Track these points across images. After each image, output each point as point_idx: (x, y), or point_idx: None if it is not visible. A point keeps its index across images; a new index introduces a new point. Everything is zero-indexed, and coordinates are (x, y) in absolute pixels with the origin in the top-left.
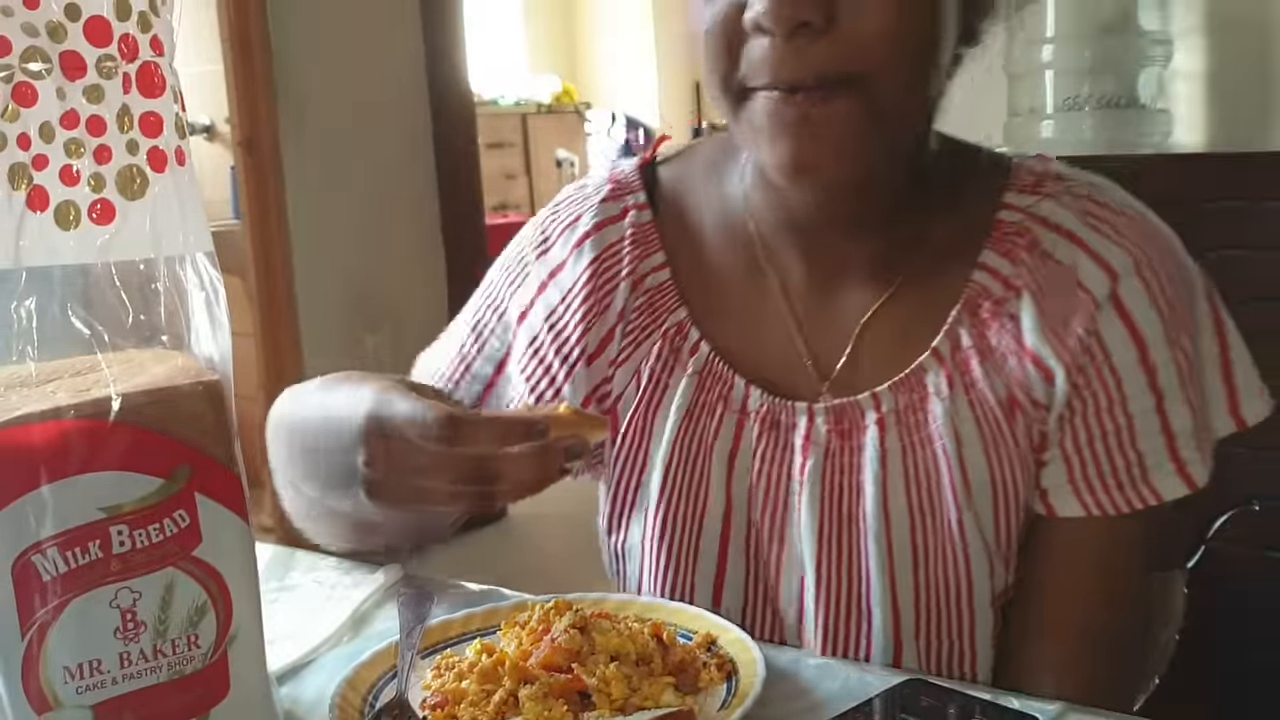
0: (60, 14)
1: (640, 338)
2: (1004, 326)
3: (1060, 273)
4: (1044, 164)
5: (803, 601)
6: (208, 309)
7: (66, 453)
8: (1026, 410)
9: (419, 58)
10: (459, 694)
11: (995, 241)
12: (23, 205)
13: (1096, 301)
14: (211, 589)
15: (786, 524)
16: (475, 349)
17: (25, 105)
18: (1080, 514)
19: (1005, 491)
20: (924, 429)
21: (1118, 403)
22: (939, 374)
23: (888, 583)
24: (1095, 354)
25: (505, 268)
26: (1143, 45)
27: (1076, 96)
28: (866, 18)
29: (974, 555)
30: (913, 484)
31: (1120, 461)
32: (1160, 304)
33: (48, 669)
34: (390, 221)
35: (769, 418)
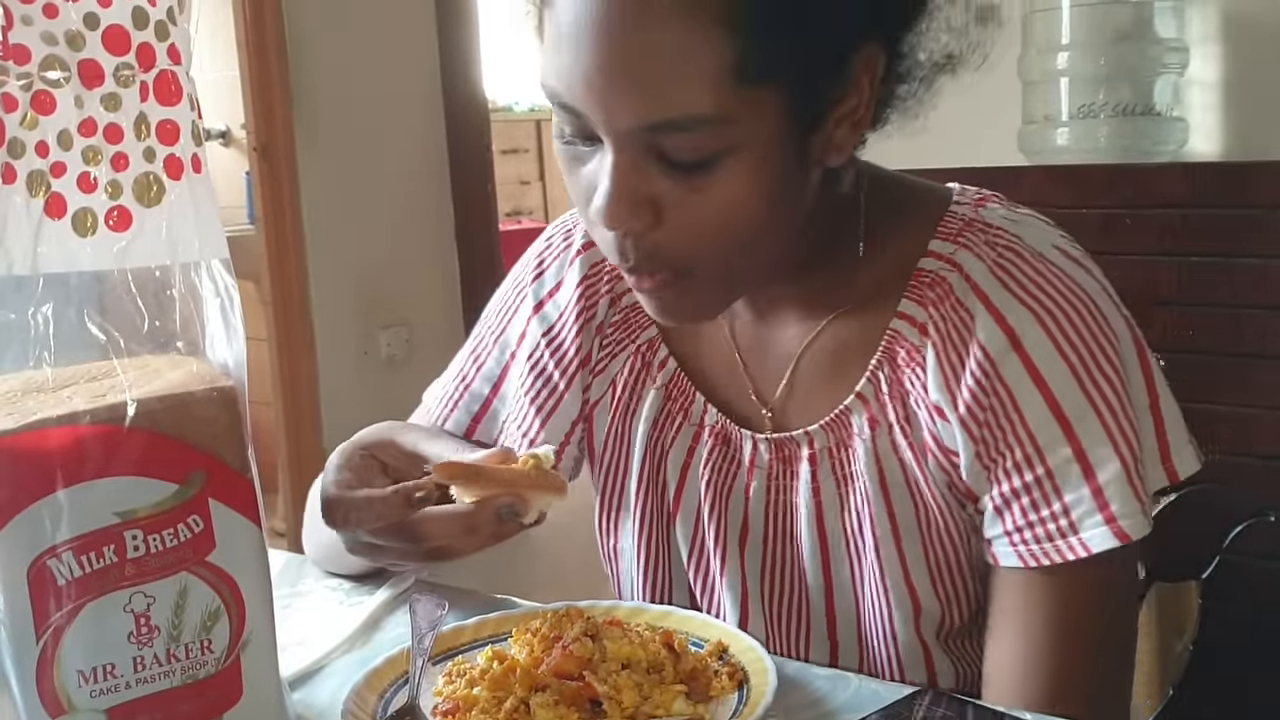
0: (79, 23)
1: (616, 350)
2: (916, 374)
3: (964, 321)
4: (976, 209)
5: (746, 611)
6: (223, 315)
7: (82, 458)
8: (938, 457)
9: (434, 64)
10: (470, 701)
11: (914, 288)
12: (41, 212)
13: (990, 355)
14: (225, 594)
15: (728, 533)
16: (474, 370)
17: (44, 113)
18: (1018, 565)
19: (934, 532)
20: (850, 466)
21: (1034, 454)
22: (862, 416)
23: (824, 600)
24: (1003, 406)
25: (503, 295)
26: (1158, 52)
27: (1092, 104)
28: (691, 218)
29: (893, 586)
30: (845, 514)
31: (1046, 512)
32: (1068, 352)
33: (62, 673)
34: (404, 227)
35: (722, 433)
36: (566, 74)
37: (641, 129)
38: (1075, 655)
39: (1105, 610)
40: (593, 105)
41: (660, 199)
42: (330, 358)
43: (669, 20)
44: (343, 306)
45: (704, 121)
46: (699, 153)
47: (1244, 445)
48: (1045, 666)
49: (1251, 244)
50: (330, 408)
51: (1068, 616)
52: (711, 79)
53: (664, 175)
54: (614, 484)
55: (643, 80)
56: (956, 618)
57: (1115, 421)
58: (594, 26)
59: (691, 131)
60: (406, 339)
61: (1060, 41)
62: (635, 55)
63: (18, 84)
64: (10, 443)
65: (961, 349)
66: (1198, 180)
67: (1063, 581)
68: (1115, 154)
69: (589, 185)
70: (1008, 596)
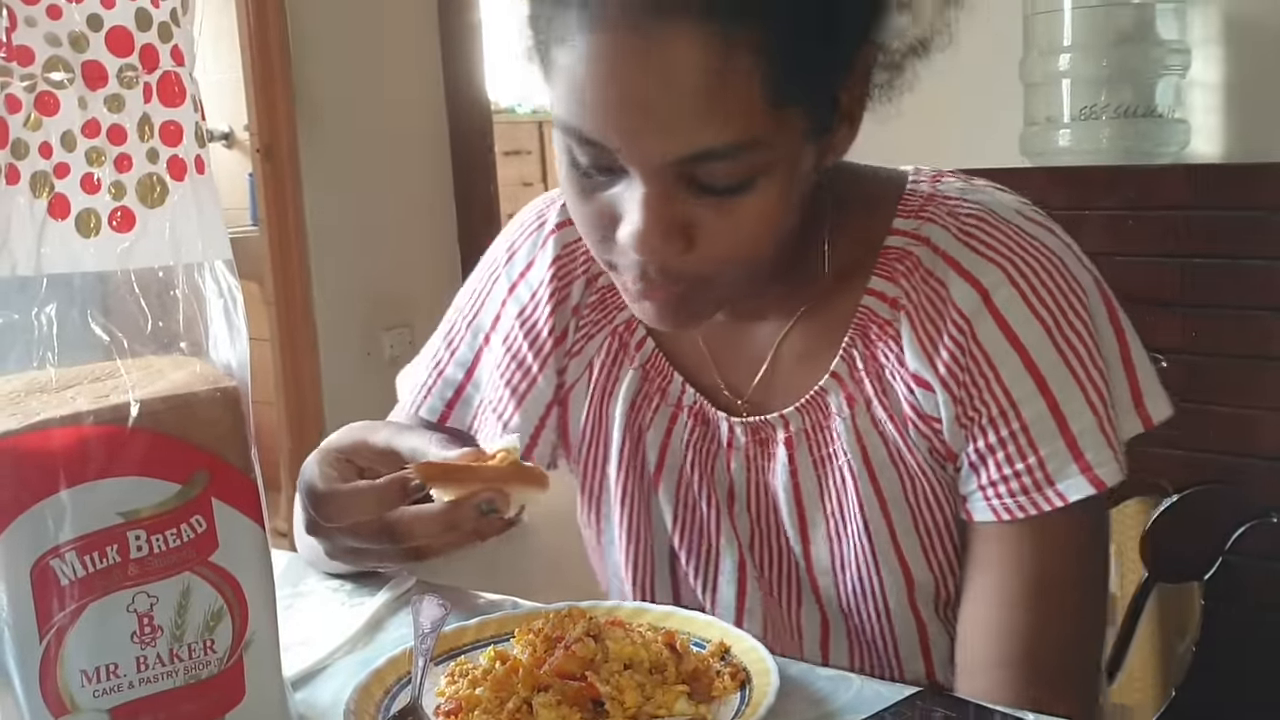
0: (82, 24)
1: (593, 331)
2: (889, 348)
3: (936, 292)
4: (934, 184)
5: (743, 566)
6: (226, 316)
7: (85, 458)
8: (919, 425)
9: (436, 66)
10: (473, 701)
11: (881, 266)
12: (44, 213)
13: (966, 316)
14: (227, 594)
15: (717, 512)
16: (447, 355)
17: (47, 114)
18: (992, 519)
19: (921, 501)
20: (829, 446)
21: (1009, 409)
22: (839, 395)
23: (810, 585)
24: (977, 364)
25: (475, 280)
26: (1160, 54)
27: (1093, 106)
28: (723, 239)
29: (883, 562)
30: (825, 495)
31: (1021, 465)
32: (1038, 308)
33: (65, 672)
34: (407, 229)
35: (700, 413)
36: (591, 110)
37: (676, 161)
38: (1050, 607)
39: (1078, 561)
40: (624, 141)
41: (692, 224)
42: (333, 358)
43: (698, 53)
44: (345, 307)
45: (740, 148)
46: (733, 178)
47: (1246, 446)
48: (1020, 619)
49: (1254, 246)
50: (333, 408)
51: (1042, 568)
52: (745, 107)
53: (695, 200)
54: (594, 468)
55: (678, 115)
56: (951, 588)
57: (1086, 373)
58: (623, 63)
59: (728, 159)
60: (409, 340)
61: (1062, 43)
62: (666, 90)
63: (21, 85)
64: (14, 443)
65: (936, 316)
66: (1200, 182)
67: (1037, 533)
68: (1117, 156)
69: (607, 212)
70: (982, 551)
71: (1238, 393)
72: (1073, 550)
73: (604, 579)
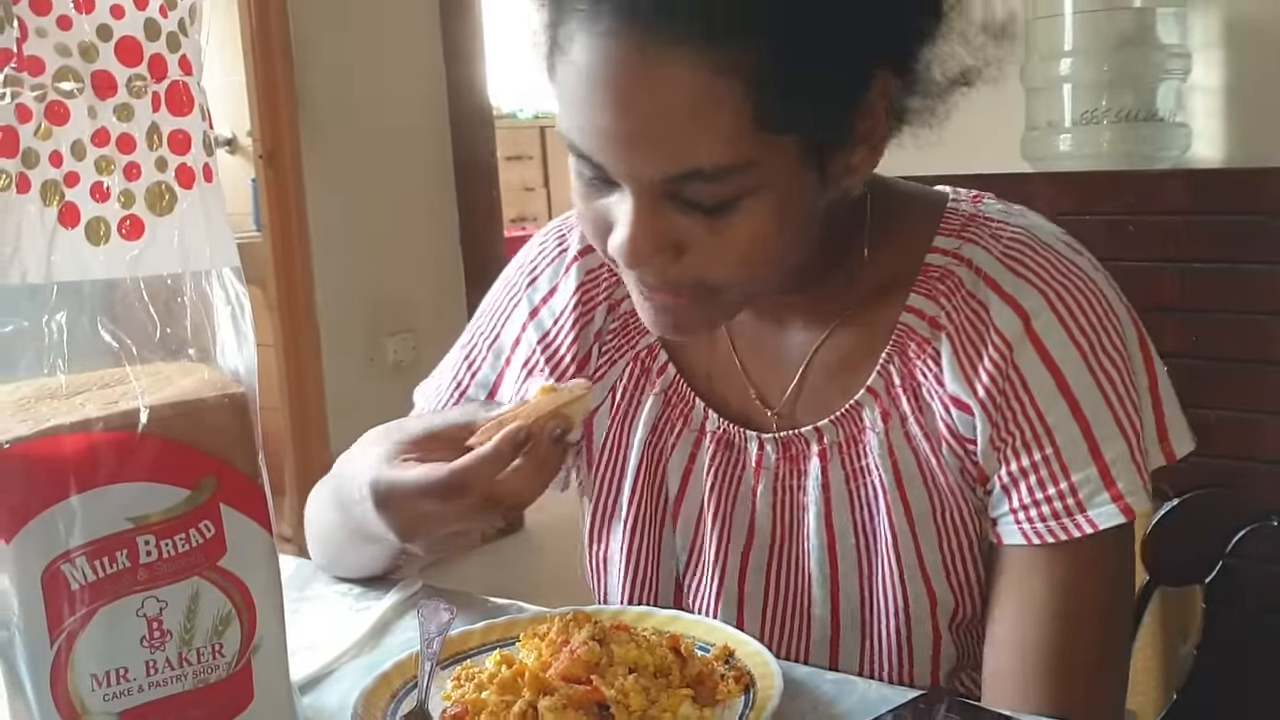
0: (92, 35)
1: (615, 357)
2: (928, 366)
3: (977, 313)
4: (975, 205)
5: (742, 614)
6: (233, 323)
7: (95, 464)
8: (953, 445)
9: (438, 71)
10: (479, 704)
11: (921, 284)
12: (54, 221)
13: (1008, 341)
14: (236, 599)
15: (731, 538)
16: (469, 375)
17: (57, 124)
18: (1022, 543)
19: (948, 521)
20: (862, 460)
21: (1043, 434)
22: (874, 410)
23: (829, 595)
24: (1014, 388)
25: (496, 300)
26: (1161, 58)
27: (1094, 110)
28: (713, 254)
29: (910, 579)
30: (856, 509)
31: (1053, 490)
32: (1077, 336)
33: (75, 677)
34: (410, 233)
35: (724, 439)
36: (583, 126)
37: (662, 180)
38: (1076, 633)
39: (1105, 587)
40: (611, 158)
41: (681, 238)
42: (337, 364)
43: (687, 77)
44: (349, 312)
45: (725, 171)
46: (719, 197)
47: (1247, 450)
48: (1046, 644)
49: (1255, 250)
50: (337, 413)
51: (1070, 594)
52: (731, 131)
53: (684, 215)
54: (608, 490)
55: (662, 136)
56: (968, 608)
57: (1120, 402)
58: (611, 84)
59: (714, 180)
60: (413, 345)
61: (1063, 48)
62: (654, 112)
63: (32, 95)
64: (24, 449)
65: (977, 339)
66: (1201, 186)
67: (1066, 559)
68: (1118, 160)
69: (606, 218)
70: (1011, 574)
71: (1238, 397)
72: (1102, 576)
73: (600, 594)
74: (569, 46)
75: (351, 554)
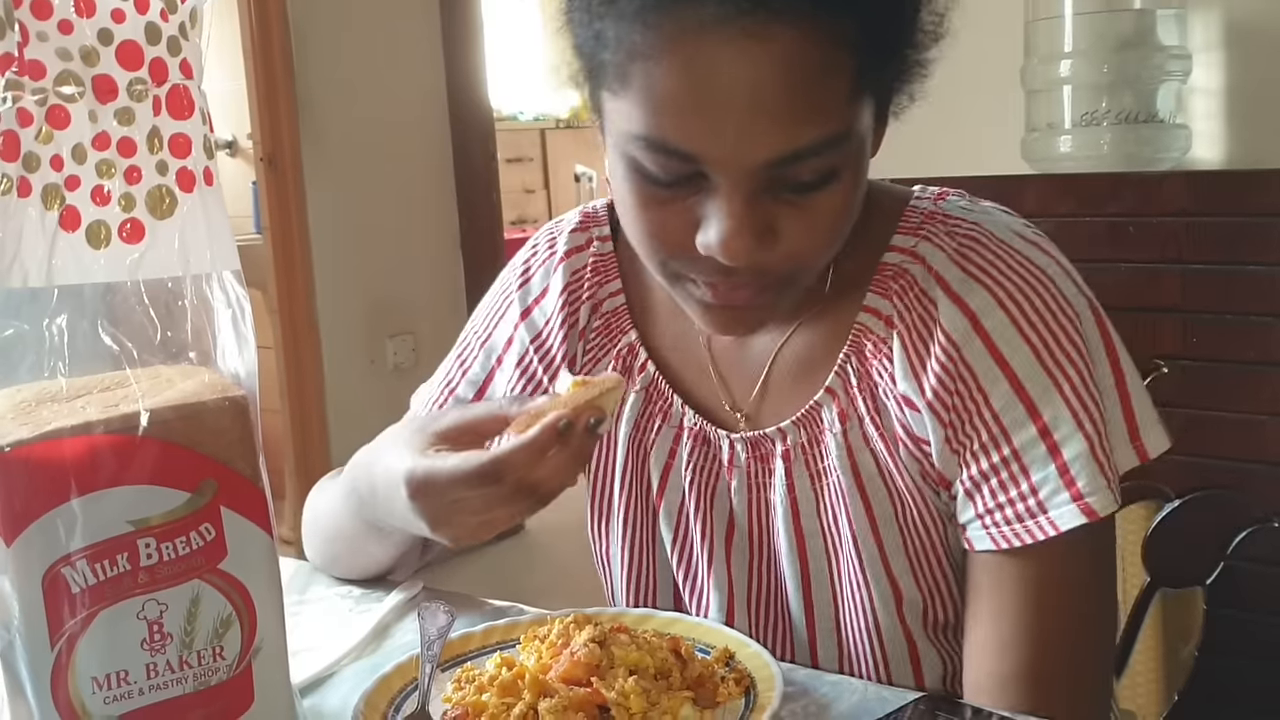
0: (93, 39)
1: (598, 355)
2: (883, 366)
3: (928, 310)
4: (936, 203)
5: (731, 608)
6: (234, 326)
7: (96, 467)
8: (909, 446)
9: (439, 73)
10: (479, 707)
11: (878, 282)
12: (55, 225)
13: (954, 340)
14: (236, 601)
15: (714, 531)
16: (459, 374)
17: (58, 127)
18: (991, 547)
19: (910, 521)
20: (823, 461)
21: (999, 435)
22: (832, 410)
23: (802, 595)
24: (967, 389)
25: (490, 301)
26: (1161, 60)
27: (1094, 112)
28: (805, 235)
29: (874, 580)
30: (821, 510)
31: (1015, 493)
32: (1028, 333)
33: (76, 680)
34: (410, 235)
35: (700, 435)
36: (682, 119)
37: (773, 161)
38: (1051, 635)
39: (1079, 588)
40: (718, 146)
41: (776, 224)
42: (337, 366)
43: (799, 50)
44: (349, 315)
45: (831, 144)
46: (818, 173)
47: (1248, 452)
48: (1022, 648)
49: (1256, 251)
50: (337, 416)
51: (1042, 596)
52: (839, 98)
53: (778, 201)
54: (601, 486)
55: (777, 115)
56: (940, 610)
57: (1078, 398)
58: (719, 68)
59: (820, 154)
60: (413, 347)
61: (1063, 49)
62: (769, 91)
63: (33, 99)
64: (25, 452)
65: (926, 337)
66: (1201, 188)
67: (1035, 561)
68: (1118, 162)
69: (680, 222)
70: (983, 579)
71: (1239, 398)
72: (1071, 577)
73: (609, 591)
74: (656, 50)
75: (360, 549)
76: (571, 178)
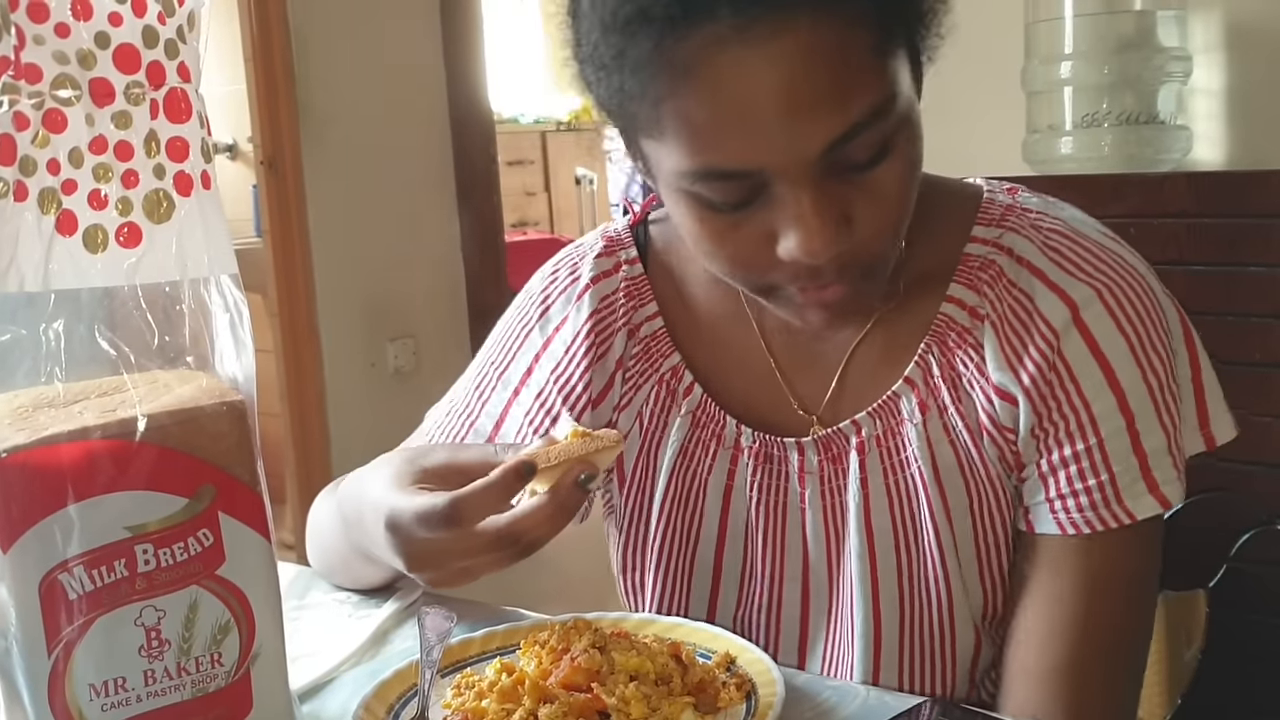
0: (90, 42)
1: (639, 382)
2: (969, 356)
3: (1021, 303)
4: (1011, 196)
5: (779, 619)
6: (232, 330)
7: (93, 472)
8: (994, 435)
9: (439, 76)
10: (479, 713)
11: (961, 274)
12: (52, 229)
13: (1055, 330)
14: (234, 607)
15: (785, 550)
16: (478, 404)
17: (55, 131)
18: (1056, 532)
19: (984, 513)
20: (901, 453)
21: (1087, 424)
22: (912, 401)
23: (870, 597)
24: (1060, 378)
25: (508, 329)
26: (1162, 61)
27: (1095, 113)
28: (880, 212)
29: (953, 573)
30: (895, 503)
31: (1093, 481)
32: (1125, 328)
33: (73, 687)
34: (411, 239)
35: (762, 452)
36: (730, 138)
37: (828, 147)
38: (1103, 619)
39: (1137, 576)
40: (774, 148)
41: (849, 211)
42: (338, 370)
43: (820, 33)
44: (350, 319)
45: (877, 114)
46: (875, 145)
47: (1251, 454)
48: (1072, 632)
49: (1257, 252)
50: (338, 420)
51: (1099, 584)
52: (870, 66)
53: (845, 185)
54: (638, 516)
55: (819, 100)
56: (998, 604)
57: (1163, 395)
58: (752, 75)
59: (869, 126)
60: (414, 351)
61: (1063, 51)
62: (804, 81)
63: (29, 103)
64: (22, 458)
65: (1021, 328)
66: (1202, 189)
67: (1098, 549)
68: (1119, 163)
69: (756, 240)
70: (1042, 563)
71: (1242, 400)
72: (1131, 566)
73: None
74: (683, 84)
75: (353, 570)
76: (572, 180)
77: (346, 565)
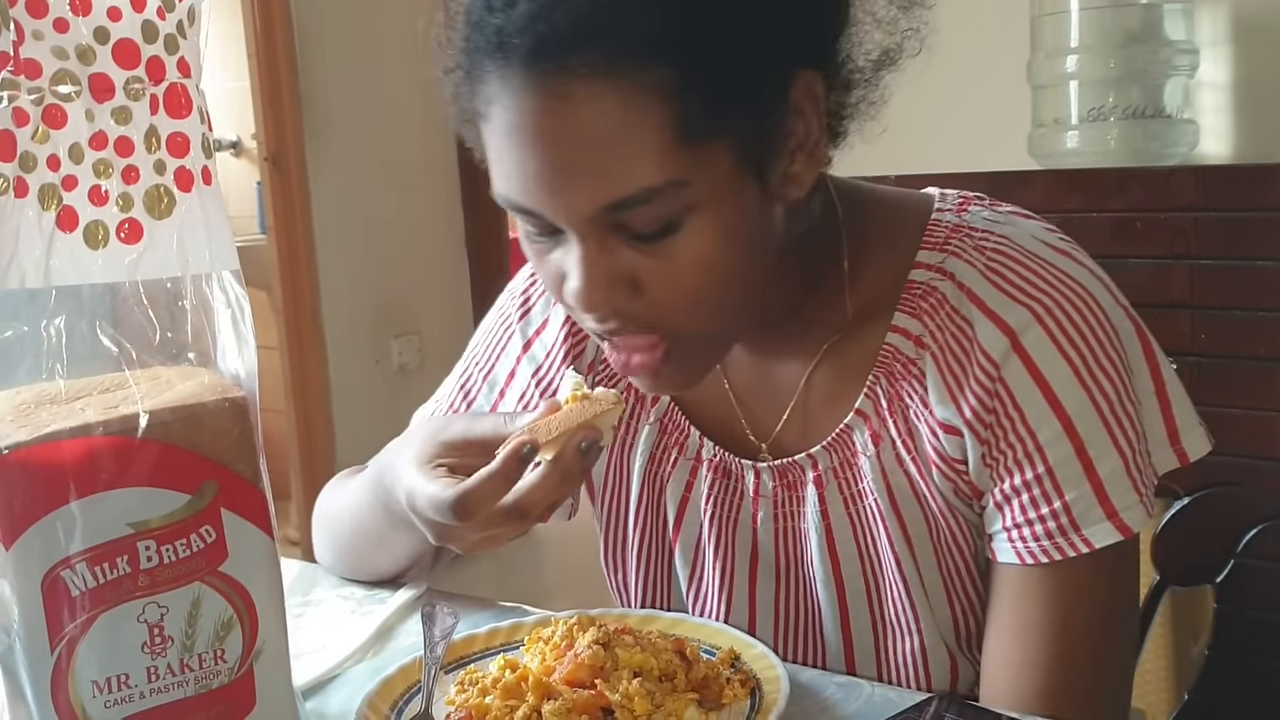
0: (89, 37)
1: (609, 385)
2: (913, 388)
3: (963, 330)
4: (960, 214)
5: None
6: (234, 326)
7: (95, 469)
8: (943, 468)
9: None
10: (483, 709)
11: (905, 302)
12: (53, 225)
13: (994, 360)
14: (237, 604)
15: (734, 565)
16: (463, 404)
17: (55, 127)
18: (1016, 562)
19: (943, 541)
20: (858, 484)
21: (1034, 451)
22: (864, 433)
23: (839, 621)
24: (1004, 406)
25: (490, 331)
26: (1168, 55)
27: (1101, 107)
28: (668, 283)
29: (918, 599)
30: (858, 531)
31: (1046, 509)
32: (1068, 350)
33: (76, 683)
34: (415, 235)
35: (721, 467)
36: (514, 178)
37: (598, 213)
38: (1073, 652)
39: (1103, 606)
40: (545, 202)
41: (633, 272)
42: (342, 366)
43: (601, 106)
44: (354, 315)
45: (657, 191)
46: (659, 221)
47: (1257, 448)
48: (1043, 663)
49: (1263, 247)
50: (342, 416)
51: (1066, 613)
52: (654, 149)
53: (631, 248)
54: (616, 518)
55: (587, 168)
56: (971, 625)
57: (1114, 414)
58: (529, 128)
59: (648, 203)
60: (418, 348)
61: (1069, 44)
62: (576, 146)
63: (29, 98)
64: (24, 455)
65: (963, 358)
66: (1209, 183)
67: (1061, 578)
68: (1125, 157)
69: (559, 271)
70: (1006, 593)
71: (1248, 395)
72: (1099, 594)
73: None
74: (489, 111)
75: (384, 543)
76: None
77: (376, 542)
